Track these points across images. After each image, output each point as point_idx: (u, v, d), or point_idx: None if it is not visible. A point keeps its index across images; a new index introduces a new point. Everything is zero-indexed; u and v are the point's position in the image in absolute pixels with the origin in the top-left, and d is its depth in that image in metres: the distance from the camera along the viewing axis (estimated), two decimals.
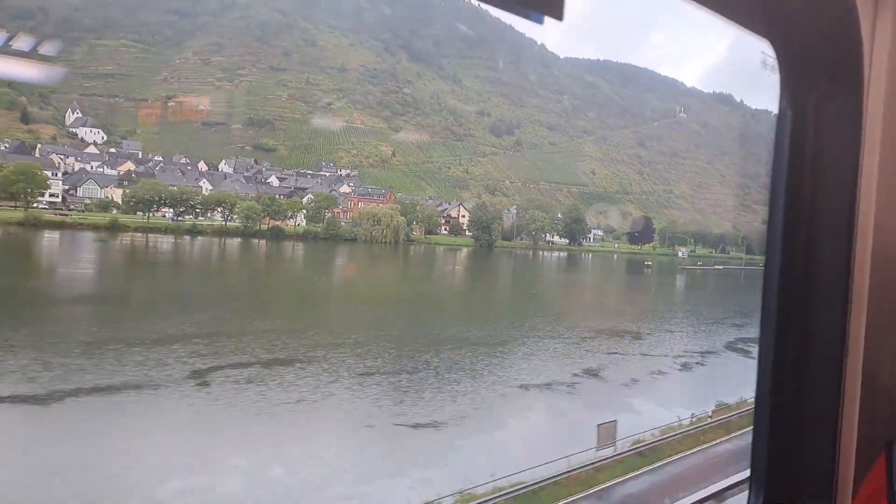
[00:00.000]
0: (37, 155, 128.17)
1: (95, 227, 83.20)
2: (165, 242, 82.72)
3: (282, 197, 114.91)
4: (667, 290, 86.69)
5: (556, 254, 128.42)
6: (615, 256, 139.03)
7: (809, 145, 2.49)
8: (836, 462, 2.51)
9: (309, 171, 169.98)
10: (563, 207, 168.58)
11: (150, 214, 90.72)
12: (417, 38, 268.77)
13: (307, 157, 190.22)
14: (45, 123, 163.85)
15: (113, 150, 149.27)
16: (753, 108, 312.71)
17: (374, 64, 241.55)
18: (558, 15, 1.54)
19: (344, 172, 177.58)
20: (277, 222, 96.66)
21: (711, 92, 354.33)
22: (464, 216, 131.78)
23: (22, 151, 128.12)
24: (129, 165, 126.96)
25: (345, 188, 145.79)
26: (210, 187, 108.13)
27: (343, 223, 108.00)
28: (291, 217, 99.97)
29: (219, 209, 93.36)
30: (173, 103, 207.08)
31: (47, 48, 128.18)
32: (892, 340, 2.50)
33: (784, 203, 2.53)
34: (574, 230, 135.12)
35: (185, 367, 29.80)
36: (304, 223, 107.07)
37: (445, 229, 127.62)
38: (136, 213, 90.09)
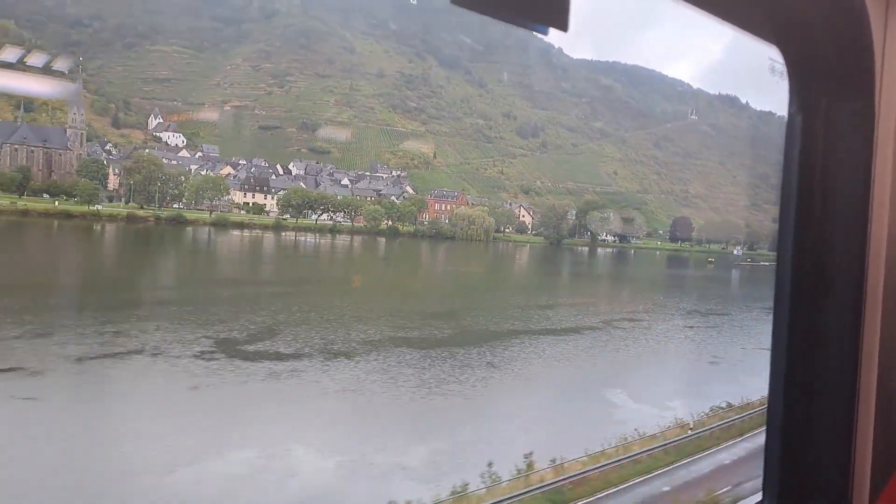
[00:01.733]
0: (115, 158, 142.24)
1: (264, 227, 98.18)
2: (321, 240, 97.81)
3: (371, 198, 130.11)
4: (748, 280, 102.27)
5: (611, 250, 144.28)
6: (658, 253, 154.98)
7: (820, 150, 2.48)
8: (851, 470, 2.47)
9: (367, 173, 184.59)
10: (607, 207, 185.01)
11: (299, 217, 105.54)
12: (444, 44, 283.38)
13: (358, 158, 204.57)
14: (132, 128, 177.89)
15: (200, 153, 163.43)
16: (758, 109, 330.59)
17: (408, 69, 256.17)
18: (563, 25, 1.59)
19: (395, 174, 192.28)
20: (394, 223, 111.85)
21: (717, 94, 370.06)
22: (523, 217, 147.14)
23: (129, 157, 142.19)
24: (229, 169, 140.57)
25: (410, 189, 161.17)
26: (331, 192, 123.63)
27: (425, 222, 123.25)
28: (402, 219, 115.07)
29: (344, 211, 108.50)
30: (229, 107, 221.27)
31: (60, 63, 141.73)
32: None
33: (795, 208, 2.53)
34: (625, 229, 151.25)
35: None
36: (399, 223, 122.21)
37: (508, 228, 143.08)
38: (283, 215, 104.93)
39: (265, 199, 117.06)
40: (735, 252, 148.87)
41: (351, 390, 28.52)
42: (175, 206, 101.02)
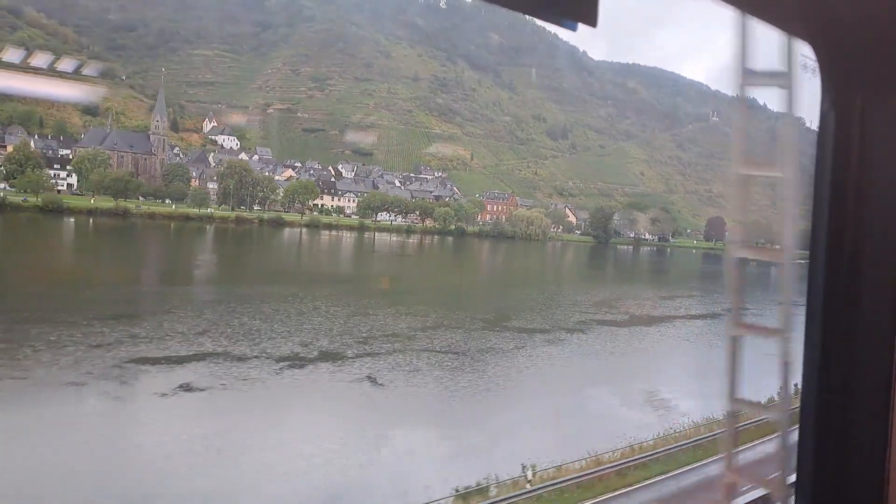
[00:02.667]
0: (211, 163, 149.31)
1: (350, 228, 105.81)
2: (408, 240, 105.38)
3: (429, 199, 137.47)
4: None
5: (653, 248, 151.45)
6: (694, 252, 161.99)
7: (855, 149, 2.41)
8: (886, 474, 2.43)
9: (412, 174, 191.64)
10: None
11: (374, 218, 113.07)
12: (474, 47, 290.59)
13: (400, 160, 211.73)
14: (189, 132, 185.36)
15: (256, 156, 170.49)
16: (774, 110, 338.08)
17: (441, 73, 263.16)
18: (592, 21, 1.58)
19: (438, 175, 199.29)
20: (462, 224, 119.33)
21: (735, 95, 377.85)
22: (570, 217, 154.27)
23: (201, 160, 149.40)
24: (290, 172, 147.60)
25: (456, 191, 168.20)
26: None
27: (486, 223, 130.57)
28: (467, 220, 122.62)
29: (417, 212, 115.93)
30: (272, 110, 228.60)
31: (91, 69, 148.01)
32: None
33: (828, 208, 2.46)
34: (664, 229, 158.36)
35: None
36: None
37: (559, 228, 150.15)
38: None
39: (341, 201, 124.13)
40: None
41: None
42: (258, 208, 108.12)
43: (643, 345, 41.63)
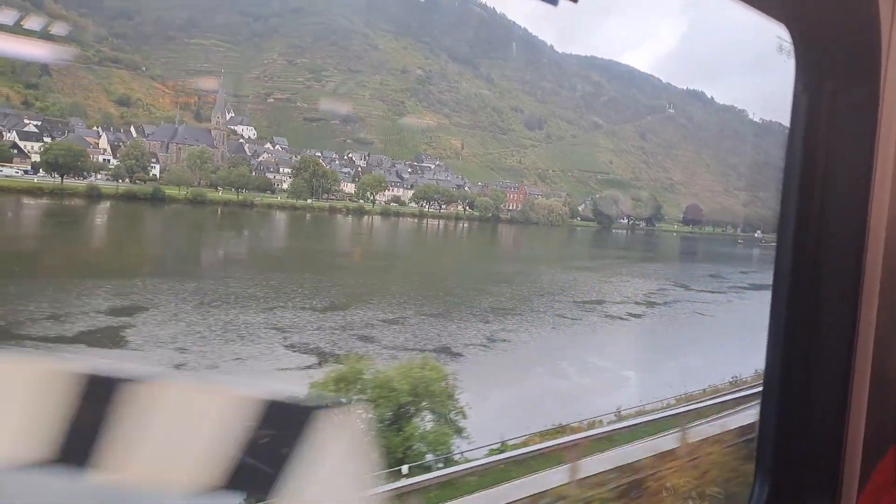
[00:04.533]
0: (247, 151, 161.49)
1: (412, 216, 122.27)
2: (465, 226, 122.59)
3: (454, 189, 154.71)
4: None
5: (642, 233, 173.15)
6: (675, 235, 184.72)
7: (823, 133, 2.49)
8: (843, 456, 2.51)
9: (415, 163, 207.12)
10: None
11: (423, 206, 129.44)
12: (453, 41, 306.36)
13: (399, 149, 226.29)
14: (207, 121, 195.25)
15: (277, 146, 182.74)
16: (721, 103, 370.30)
17: (427, 66, 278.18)
18: None
19: (436, 164, 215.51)
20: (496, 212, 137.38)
21: (685, 88, 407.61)
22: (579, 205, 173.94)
23: (238, 150, 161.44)
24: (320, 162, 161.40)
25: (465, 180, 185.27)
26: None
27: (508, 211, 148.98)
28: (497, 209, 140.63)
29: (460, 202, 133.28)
30: (272, 100, 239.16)
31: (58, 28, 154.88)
32: None
33: (797, 189, 2.58)
34: (652, 215, 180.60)
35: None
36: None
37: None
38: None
39: (395, 191, 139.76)
40: (756, 234, 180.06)
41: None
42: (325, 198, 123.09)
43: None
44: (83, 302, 34.60)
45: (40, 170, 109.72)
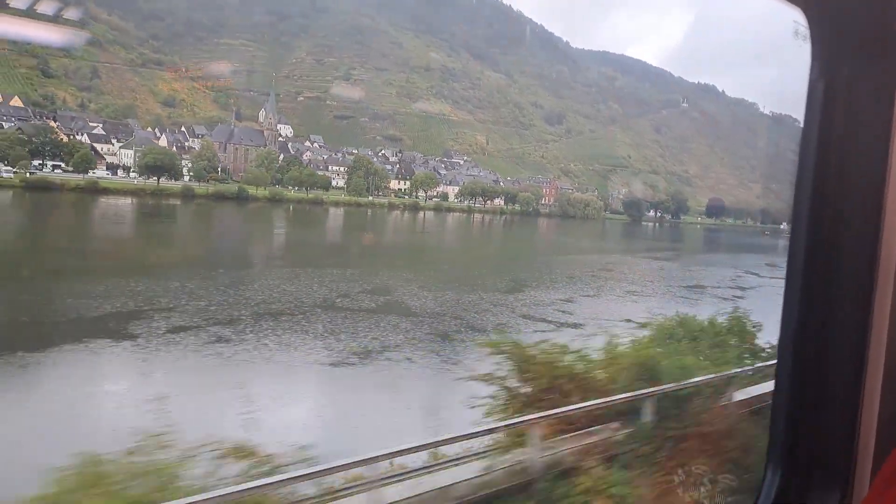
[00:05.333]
0: (291, 150, 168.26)
1: (462, 211, 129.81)
2: (513, 220, 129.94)
3: (500, 184, 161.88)
4: None
5: (668, 225, 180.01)
6: (698, 227, 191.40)
7: (840, 117, 2.48)
8: (855, 444, 2.48)
9: (445, 159, 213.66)
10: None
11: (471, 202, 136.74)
12: (472, 37, 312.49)
13: (427, 146, 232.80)
14: (249, 120, 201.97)
15: (316, 143, 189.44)
16: (732, 97, 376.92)
17: (450, 63, 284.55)
18: None
19: (466, 160, 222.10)
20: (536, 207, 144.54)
21: (697, 82, 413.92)
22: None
23: (282, 149, 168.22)
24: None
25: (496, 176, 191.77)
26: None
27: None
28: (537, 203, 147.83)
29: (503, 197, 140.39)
30: (302, 98, 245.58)
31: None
32: None
33: (812, 176, 2.56)
34: (678, 208, 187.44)
35: None
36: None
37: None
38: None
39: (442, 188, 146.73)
40: (782, 226, 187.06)
41: None
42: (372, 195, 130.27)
43: None
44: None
45: (117, 171, 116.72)
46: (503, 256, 67.26)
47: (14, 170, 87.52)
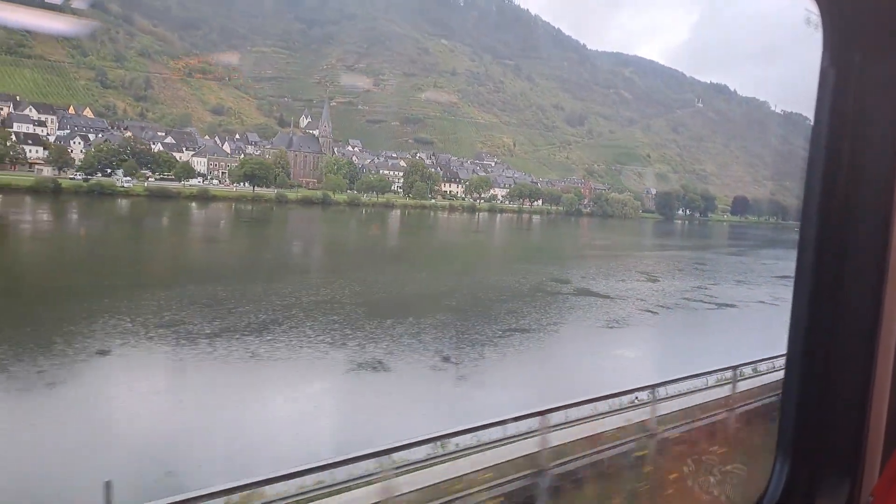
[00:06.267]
0: (335, 153, 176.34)
1: (512, 212, 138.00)
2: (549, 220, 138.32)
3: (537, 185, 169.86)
4: None
5: (697, 223, 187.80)
6: (724, 223, 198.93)
7: (852, 106, 2.43)
8: (864, 438, 2.47)
9: (477, 161, 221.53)
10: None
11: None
12: (493, 42, 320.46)
13: (456, 148, 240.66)
14: (289, 126, 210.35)
15: (357, 147, 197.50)
16: (743, 95, 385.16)
17: (474, 67, 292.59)
18: None
19: (496, 162, 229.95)
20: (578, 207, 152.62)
21: (709, 82, 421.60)
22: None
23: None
24: (402, 163, 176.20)
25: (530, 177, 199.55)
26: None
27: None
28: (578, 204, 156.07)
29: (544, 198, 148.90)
30: (335, 103, 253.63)
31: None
32: None
33: (823, 162, 2.49)
34: (706, 206, 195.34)
35: None
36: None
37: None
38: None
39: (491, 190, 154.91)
40: None
41: None
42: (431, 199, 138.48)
43: None
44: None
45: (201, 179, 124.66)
46: (610, 253, 73.57)
47: (132, 180, 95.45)
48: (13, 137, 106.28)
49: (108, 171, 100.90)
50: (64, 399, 18.41)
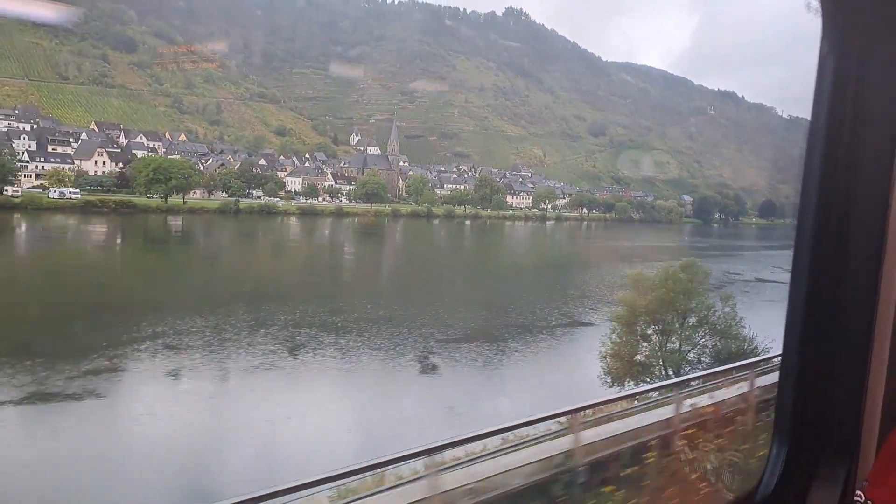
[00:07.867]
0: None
1: (567, 219, 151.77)
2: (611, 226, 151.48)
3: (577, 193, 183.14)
4: None
5: (730, 226, 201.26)
6: (754, 226, 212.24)
7: (851, 92, 2.42)
8: (860, 419, 2.47)
9: (515, 173, 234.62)
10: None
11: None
12: (516, 57, 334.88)
13: (492, 160, 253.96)
14: (342, 145, 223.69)
15: (405, 163, 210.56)
16: (751, 102, 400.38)
17: (500, 82, 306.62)
18: None
19: (531, 173, 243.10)
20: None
21: (717, 89, 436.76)
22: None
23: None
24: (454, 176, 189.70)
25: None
26: None
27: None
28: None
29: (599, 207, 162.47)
30: (374, 121, 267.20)
31: None
32: None
33: (821, 155, 2.50)
34: (737, 210, 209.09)
35: None
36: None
37: None
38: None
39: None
40: None
41: None
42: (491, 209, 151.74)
43: None
44: None
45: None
46: (724, 253, 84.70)
47: (278, 200, 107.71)
48: None
49: (248, 191, 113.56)
50: None
